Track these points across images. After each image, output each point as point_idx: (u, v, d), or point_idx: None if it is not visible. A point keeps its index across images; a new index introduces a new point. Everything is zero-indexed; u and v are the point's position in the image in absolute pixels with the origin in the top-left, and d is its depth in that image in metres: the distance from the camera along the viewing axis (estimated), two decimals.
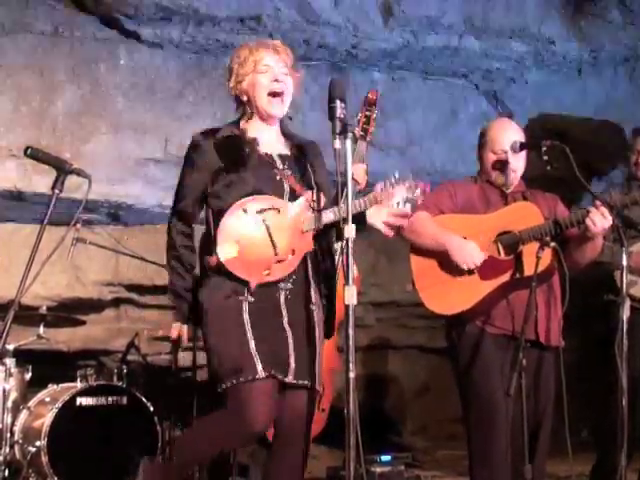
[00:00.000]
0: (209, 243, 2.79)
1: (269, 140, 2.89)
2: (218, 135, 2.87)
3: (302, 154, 2.95)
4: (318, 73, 5.73)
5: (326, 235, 2.90)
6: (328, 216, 2.77)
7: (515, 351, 3.12)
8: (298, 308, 2.81)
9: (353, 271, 2.50)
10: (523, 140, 3.46)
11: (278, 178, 2.81)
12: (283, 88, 2.84)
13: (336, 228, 2.79)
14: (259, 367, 2.65)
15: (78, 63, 5.38)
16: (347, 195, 2.56)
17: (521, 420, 3.10)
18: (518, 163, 3.47)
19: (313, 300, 2.85)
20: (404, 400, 7.39)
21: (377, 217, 2.78)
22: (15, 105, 5.20)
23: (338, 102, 2.54)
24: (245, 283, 2.74)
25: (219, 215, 2.76)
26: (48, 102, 5.28)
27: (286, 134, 2.98)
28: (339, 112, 2.53)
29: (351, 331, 2.42)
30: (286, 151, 2.92)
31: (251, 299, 2.73)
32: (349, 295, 2.43)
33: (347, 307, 2.43)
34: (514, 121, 3.74)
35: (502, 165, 3.45)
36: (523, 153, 3.47)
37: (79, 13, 5.43)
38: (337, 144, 2.52)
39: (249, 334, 2.68)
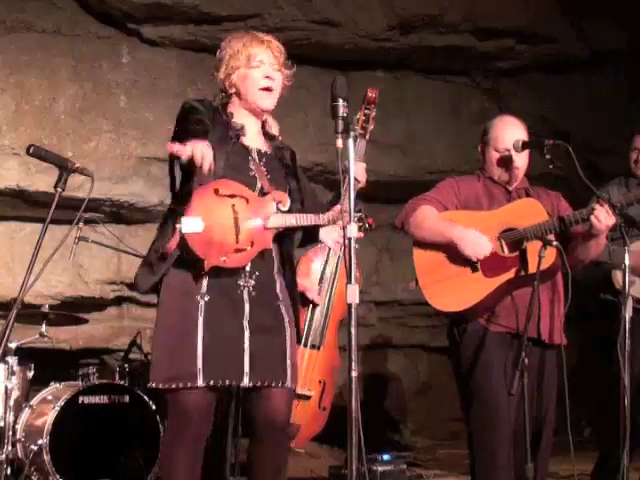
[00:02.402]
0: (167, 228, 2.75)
1: (251, 133, 2.89)
2: (210, 107, 2.85)
3: (280, 156, 2.95)
4: (319, 71, 5.73)
5: (290, 239, 2.91)
6: (291, 220, 2.78)
7: (518, 349, 3.12)
8: (264, 305, 2.78)
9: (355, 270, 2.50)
10: (526, 138, 3.43)
11: (252, 174, 2.81)
12: (274, 84, 2.85)
13: (305, 234, 2.95)
14: (200, 376, 2.64)
15: (80, 61, 5.38)
16: (349, 194, 2.55)
17: (523, 419, 3.10)
18: (522, 161, 3.45)
19: (280, 297, 2.83)
20: (405, 399, 7.38)
21: (329, 235, 2.98)
22: (17, 103, 5.21)
23: (340, 101, 2.53)
24: (200, 279, 2.70)
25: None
26: (50, 100, 5.28)
27: (267, 134, 2.98)
28: (342, 111, 2.52)
29: (353, 330, 2.41)
30: (265, 148, 2.92)
31: (207, 298, 2.70)
32: (351, 294, 2.43)
33: (349, 306, 2.42)
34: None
35: (506, 163, 3.43)
36: (526, 150, 3.45)
37: (81, 12, 5.44)
38: (339, 143, 2.51)
39: (199, 338, 2.66)
